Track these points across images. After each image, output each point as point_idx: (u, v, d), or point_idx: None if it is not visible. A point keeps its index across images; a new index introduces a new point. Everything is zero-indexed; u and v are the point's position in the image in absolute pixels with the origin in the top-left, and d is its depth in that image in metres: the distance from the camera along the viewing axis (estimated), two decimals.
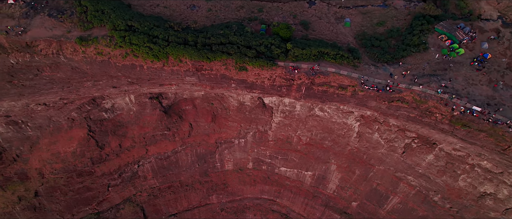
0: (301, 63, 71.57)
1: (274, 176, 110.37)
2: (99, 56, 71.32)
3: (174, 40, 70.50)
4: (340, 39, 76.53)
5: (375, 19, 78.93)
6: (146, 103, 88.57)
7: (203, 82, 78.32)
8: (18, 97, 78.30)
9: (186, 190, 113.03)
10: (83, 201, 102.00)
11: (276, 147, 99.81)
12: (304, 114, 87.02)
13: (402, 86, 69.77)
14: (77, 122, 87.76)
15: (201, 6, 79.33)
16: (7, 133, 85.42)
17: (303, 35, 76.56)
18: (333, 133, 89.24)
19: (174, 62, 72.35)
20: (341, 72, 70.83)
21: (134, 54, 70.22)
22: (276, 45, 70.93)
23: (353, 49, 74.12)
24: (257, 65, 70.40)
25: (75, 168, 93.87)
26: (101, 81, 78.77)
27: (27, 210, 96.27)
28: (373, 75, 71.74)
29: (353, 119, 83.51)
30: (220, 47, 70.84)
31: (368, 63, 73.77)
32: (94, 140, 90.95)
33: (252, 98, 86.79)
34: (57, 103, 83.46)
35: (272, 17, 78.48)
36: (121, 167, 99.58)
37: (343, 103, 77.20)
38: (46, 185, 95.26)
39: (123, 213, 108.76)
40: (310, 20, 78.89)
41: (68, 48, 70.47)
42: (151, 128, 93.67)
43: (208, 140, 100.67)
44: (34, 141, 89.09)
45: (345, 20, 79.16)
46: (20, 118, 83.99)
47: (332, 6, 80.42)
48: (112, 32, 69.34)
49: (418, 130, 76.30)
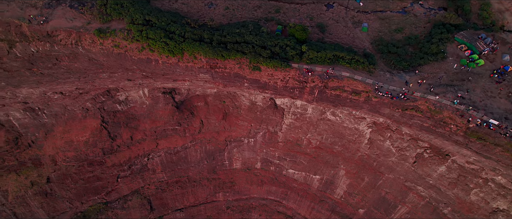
0: (316, 66, 71.11)
1: (281, 178, 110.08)
2: (116, 48, 72.47)
3: (190, 36, 71.08)
4: (356, 43, 75.73)
5: (393, 25, 77.82)
6: (159, 97, 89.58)
7: (216, 80, 78.70)
8: (36, 85, 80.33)
9: (193, 186, 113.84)
10: (93, 190, 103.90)
11: (285, 148, 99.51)
12: (316, 117, 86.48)
13: (417, 95, 68.53)
14: (91, 112, 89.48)
15: (219, 4, 79.73)
16: (24, 119, 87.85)
17: (319, 38, 76.08)
18: (343, 138, 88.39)
19: (189, 59, 72.93)
20: (356, 77, 70.09)
21: (150, 48, 71.07)
22: (291, 46, 70.69)
23: (369, 55, 73.24)
24: (271, 65, 70.31)
25: (87, 157, 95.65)
26: (116, 73, 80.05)
27: (38, 195, 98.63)
28: (388, 81, 70.73)
29: (365, 125, 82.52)
30: (235, 46, 71.04)
31: (383, 69, 72.77)
32: (107, 131, 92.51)
33: (264, 98, 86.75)
34: (73, 93, 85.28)
35: (288, 18, 78.25)
36: (131, 159, 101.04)
37: (356, 109, 76.37)
38: (58, 172, 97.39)
39: (130, 204, 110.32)
40: (327, 23, 78.33)
41: (87, 39, 71.84)
42: (162, 123, 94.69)
43: (218, 137, 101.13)
44: (49, 129, 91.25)
45: (362, 25, 78.29)
46: (37, 105, 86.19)
47: (350, 10, 79.67)
48: (130, 25, 70.38)
49: (431, 140, 74.82)
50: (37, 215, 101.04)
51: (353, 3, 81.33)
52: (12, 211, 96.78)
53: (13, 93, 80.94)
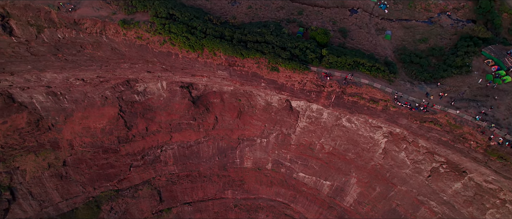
0: (335, 71, 70.40)
1: (291, 180, 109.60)
2: (138, 40, 73.71)
3: (211, 33, 71.59)
4: (378, 51, 74.54)
5: (417, 35, 76.20)
6: (176, 91, 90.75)
7: (233, 78, 79.02)
8: (60, 70, 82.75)
9: (203, 181, 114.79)
10: (105, 177, 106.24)
11: (297, 151, 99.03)
12: (331, 123, 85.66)
13: (438, 108, 66.86)
14: (110, 100, 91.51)
15: (242, 3, 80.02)
16: (46, 103, 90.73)
17: (340, 42, 75.28)
18: (357, 146, 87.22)
19: (209, 55, 73.47)
20: (375, 85, 68.99)
21: (172, 42, 71.95)
22: (311, 49, 70.24)
23: (390, 63, 71.95)
24: (290, 67, 70.04)
25: (102, 144, 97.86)
26: (137, 65, 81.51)
27: (54, 177, 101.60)
28: (408, 92, 69.29)
29: (380, 134, 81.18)
30: (255, 45, 71.14)
31: (404, 79, 71.35)
32: (123, 120, 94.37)
33: (280, 99, 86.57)
34: (94, 80, 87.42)
35: (311, 21, 77.75)
36: (145, 149, 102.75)
37: (373, 117, 75.19)
38: (74, 156, 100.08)
39: (140, 194, 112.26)
40: (349, 28, 77.44)
41: (111, 29, 73.34)
42: (178, 116, 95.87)
43: (231, 135, 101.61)
44: (69, 113, 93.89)
45: (386, 33, 76.99)
46: (59, 90, 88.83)
47: (374, 17, 78.48)
48: (154, 18, 71.48)
49: (448, 155, 72.87)
50: (51, 196, 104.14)
51: (378, 10, 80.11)
52: (28, 190, 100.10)
53: (38, 77, 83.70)
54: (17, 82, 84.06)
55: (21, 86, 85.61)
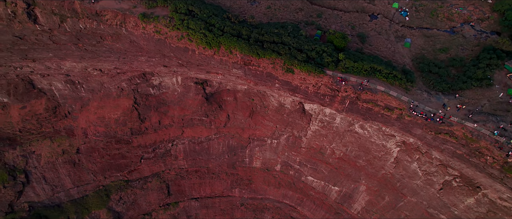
0: (350, 76, 69.68)
1: (299, 183, 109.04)
2: (157, 34, 74.66)
3: (228, 31, 71.92)
4: (396, 58, 73.38)
5: (438, 44, 74.63)
6: (191, 86, 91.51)
7: (248, 77, 79.16)
8: (79, 60, 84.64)
9: (211, 177, 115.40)
10: (116, 167, 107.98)
11: (307, 155, 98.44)
12: (343, 128, 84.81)
13: (454, 120, 65.35)
14: (125, 92, 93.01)
15: (261, 3, 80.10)
16: (64, 90, 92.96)
17: (358, 48, 74.45)
18: (369, 153, 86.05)
19: (225, 53, 73.80)
20: (391, 92, 67.94)
21: (189, 38, 72.61)
22: (328, 53, 69.70)
23: (408, 71, 70.73)
24: (305, 69, 69.70)
25: (115, 135, 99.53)
26: (154, 58, 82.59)
27: (67, 164, 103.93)
28: (424, 102, 68.00)
29: (393, 143, 79.88)
30: (271, 46, 71.07)
31: (421, 88, 70.02)
32: (137, 112, 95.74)
33: (293, 101, 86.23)
34: (111, 71, 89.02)
35: (329, 25, 77.18)
36: (156, 142, 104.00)
37: (386, 125, 74.07)
38: (88, 144, 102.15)
39: (149, 186, 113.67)
40: (368, 34, 76.51)
41: (131, 22, 74.56)
42: (190, 112, 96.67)
43: (242, 134, 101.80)
44: (85, 102, 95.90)
45: (405, 40, 75.72)
46: (77, 79, 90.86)
47: (394, 24, 77.32)
48: (173, 13, 72.28)
49: (463, 169, 71.05)
50: (64, 182, 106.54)
51: (398, 16, 78.90)
52: (42, 174, 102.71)
53: (58, 65, 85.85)
54: (38, 69, 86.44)
55: (41, 73, 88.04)
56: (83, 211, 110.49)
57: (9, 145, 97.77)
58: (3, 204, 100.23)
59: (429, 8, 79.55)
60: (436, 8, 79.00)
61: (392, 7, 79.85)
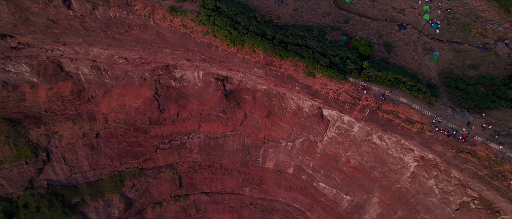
0: (373, 85, 68.48)
1: (311, 189, 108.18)
2: (183, 28, 75.74)
3: (254, 30, 72.14)
4: (422, 71, 71.54)
5: (468, 60, 72.23)
6: (211, 82, 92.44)
7: (269, 77, 79.17)
8: (106, 47, 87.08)
9: (223, 174, 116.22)
10: (132, 154, 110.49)
11: (321, 161, 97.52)
12: (360, 137, 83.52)
13: (478, 139, 63.06)
14: (148, 82, 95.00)
15: (289, 4, 79.91)
16: (90, 76, 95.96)
17: (383, 57, 73.07)
18: (385, 166, 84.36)
19: (248, 51, 74.05)
20: (414, 105, 66.32)
21: (214, 34, 73.29)
22: (352, 60, 68.77)
23: (433, 85, 68.83)
24: (327, 74, 69.01)
25: (134, 123, 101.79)
26: (178, 51, 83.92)
27: (86, 147, 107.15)
28: (448, 118, 65.97)
29: (411, 157, 77.96)
30: (295, 48, 70.80)
31: (446, 104, 67.99)
32: (157, 102, 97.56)
33: (312, 105, 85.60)
34: (136, 61, 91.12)
35: (356, 31, 76.13)
36: (173, 134, 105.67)
37: (406, 138, 72.34)
38: (107, 130, 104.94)
39: (162, 176, 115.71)
40: (395, 44, 74.94)
41: (159, 14, 75.91)
42: (209, 107, 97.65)
43: (257, 133, 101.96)
44: (108, 89, 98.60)
45: (433, 53, 73.70)
46: (103, 65, 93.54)
47: (423, 35, 75.41)
48: (201, 8, 73.18)
49: (482, 191, 68.49)
50: (81, 164, 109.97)
51: (429, 28, 76.89)
52: (62, 155, 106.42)
53: (86, 50, 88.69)
54: (67, 52, 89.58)
55: (70, 57, 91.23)
56: (97, 194, 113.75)
57: (35, 124, 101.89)
58: (24, 179, 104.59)
59: (462, 22, 77.08)
60: (469, 23, 76.43)
61: (423, 18, 77.88)
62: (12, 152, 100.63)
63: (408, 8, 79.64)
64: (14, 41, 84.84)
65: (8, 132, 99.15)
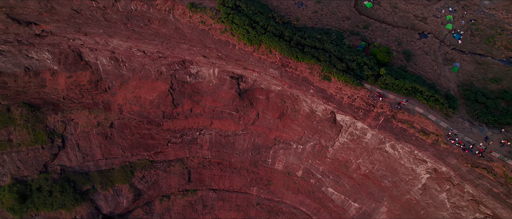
0: (389, 93, 67.45)
1: (319, 193, 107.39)
2: (202, 24, 76.37)
3: (271, 30, 72.10)
4: (441, 82, 70.02)
5: (490, 74, 70.26)
6: (226, 80, 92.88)
7: (284, 79, 78.99)
8: (126, 39, 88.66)
9: (232, 172, 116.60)
10: (144, 146, 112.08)
11: (331, 166, 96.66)
12: (373, 145, 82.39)
13: (495, 155, 61.31)
14: (164, 76, 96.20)
15: (308, 6, 79.51)
16: (108, 66, 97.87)
17: (402, 65, 71.89)
18: (396, 175, 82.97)
19: (264, 51, 74.07)
20: (430, 116, 65.02)
21: (232, 32, 73.60)
22: (369, 66, 67.92)
23: (451, 97, 67.29)
24: (342, 79, 68.39)
25: (148, 116, 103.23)
26: (195, 48, 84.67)
27: (100, 136, 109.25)
28: (464, 131, 64.37)
29: (423, 169, 76.42)
30: (312, 50, 70.42)
31: (463, 117, 66.36)
32: (172, 97, 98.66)
33: (325, 110, 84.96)
34: (154, 54, 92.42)
35: (375, 37, 75.12)
36: (185, 129, 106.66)
37: (419, 149, 70.95)
38: (121, 120, 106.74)
39: (172, 170, 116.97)
40: (414, 52, 73.61)
41: (179, 10, 76.73)
42: (222, 104, 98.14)
43: (268, 134, 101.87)
44: (125, 80, 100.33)
45: (454, 64, 72.01)
46: (121, 57, 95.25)
47: (445, 45, 73.76)
48: (220, 6, 73.60)
49: (497, 209, 66.48)
50: (94, 152, 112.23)
51: (451, 38, 75.16)
52: (76, 142, 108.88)
53: (106, 41, 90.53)
54: (88, 42, 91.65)
55: (90, 47, 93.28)
56: (107, 182, 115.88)
57: (52, 110, 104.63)
58: (39, 163, 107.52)
59: (487, 34, 75.04)
60: (494, 35, 74.35)
61: (445, 28, 76.20)
62: (29, 136, 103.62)
63: (431, 16, 78.07)
64: (38, 28, 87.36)
65: (27, 116, 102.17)
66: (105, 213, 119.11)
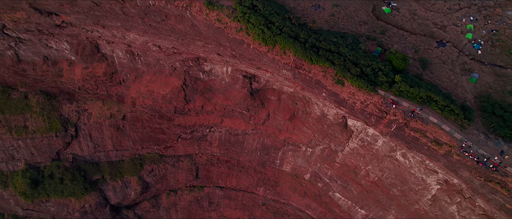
0: (403, 100, 66.48)
1: (325, 197, 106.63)
2: (218, 22, 76.67)
3: (287, 31, 71.90)
4: (457, 92, 68.65)
5: (509, 86, 68.51)
6: (238, 79, 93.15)
7: (296, 80, 78.73)
8: (142, 33, 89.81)
9: (240, 171, 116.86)
10: (154, 140, 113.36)
11: (340, 171, 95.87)
12: (383, 152, 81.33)
13: (510, 171, 59.78)
14: (177, 72, 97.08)
15: (326, 9, 79.05)
16: (124, 59, 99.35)
17: (417, 73, 70.77)
18: (405, 184, 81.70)
19: (278, 52, 73.91)
20: (444, 126, 63.79)
21: (247, 31, 73.65)
22: (384, 72, 67.09)
23: (467, 108, 65.89)
24: (356, 84, 67.69)
25: (160, 110, 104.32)
26: (210, 45, 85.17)
27: (112, 127, 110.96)
28: (479, 144, 62.94)
29: (434, 179, 75.01)
30: (326, 54, 69.97)
31: (479, 129, 64.89)
32: (184, 93, 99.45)
33: (337, 114, 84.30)
34: (169, 50, 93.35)
35: (392, 43, 74.15)
36: (196, 125, 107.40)
37: (431, 159, 69.71)
38: (134, 113, 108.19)
39: (181, 165, 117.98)
40: (431, 61, 72.38)
41: (196, 7, 77.22)
42: (233, 103, 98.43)
43: (278, 135, 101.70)
44: (139, 74, 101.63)
45: (472, 75, 70.50)
46: (137, 51, 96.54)
47: (463, 55, 72.27)
48: (237, 5, 73.81)
49: None
50: (106, 143, 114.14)
51: (470, 48, 73.58)
52: (89, 132, 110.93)
53: (123, 35, 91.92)
54: (105, 35, 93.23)
55: (107, 40, 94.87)
56: (117, 174, 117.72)
57: (68, 100, 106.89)
58: (52, 151, 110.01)
59: (508, 45, 73.19)
60: None
61: (465, 37, 74.63)
62: (44, 124, 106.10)
63: (450, 25, 76.58)
64: (58, 19, 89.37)
65: (43, 104, 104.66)
66: (112, 203, 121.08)
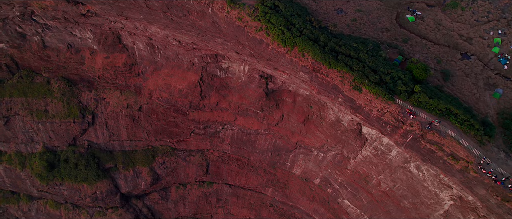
0: (421, 111, 65.05)
1: (334, 204, 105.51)
2: (238, 21, 76.83)
3: (307, 33, 71.41)
4: (479, 107, 66.65)
5: None
6: (255, 78, 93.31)
7: (313, 84, 78.19)
8: (163, 27, 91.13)
9: (249, 170, 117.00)
10: (168, 133, 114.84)
11: (351, 178, 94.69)
12: (396, 163, 79.86)
13: None
14: (195, 67, 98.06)
15: (348, 13, 78.20)
16: (144, 52, 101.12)
17: (438, 84, 69.09)
18: (417, 197, 79.93)
19: (297, 54, 73.55)
20: (462, 141, 62.03)
21: (267, 31, 73.62)
22: (403, 81, 65.80)
23: (488, 124, 63.86)
24: (374, 91, 66.65)
25: (175, 104, 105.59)
26: (229, 43, 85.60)
27: (128, 117, 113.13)
28: (499, 162, 60.92)
29: (448, 195, 73.12)
30: (345, 59, 69.19)
31: (499, 147, 62.81)
32: (200, 88, 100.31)
33: (352, 120, 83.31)
34: (188, 45, 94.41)
35: (413, 53, 72.65)
36: (209, 122, 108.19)
37: (446, 174, 67.94)
38: (150, 105, 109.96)
39: (192, 159, 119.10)
40: (454, 73, 70.51)
41: (218, 4, 77.67)
42: (248, 102, 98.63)
43: (291, 137, 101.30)
44: (158, 67, 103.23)
45: (496, 90, 68.29)
46: (157, 44, 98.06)
47: (488, 69, 70.07)
48: (259, 4, 73.80)
49: None
50: (120, 132, 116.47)
51: (496, 63, 71.25)
52: (105, 120, 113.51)
53: (144, 27, 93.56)
54: (128, 27, 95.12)
55: (129, 31, 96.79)
56: (129, 163, 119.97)
57: (87, 87, 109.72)
58: (69, 136, 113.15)
59: None
60: None
61: (491, 51, 72.38)
62: (64, 109, 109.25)
63: (477, 37, 74.34)
64: (84, 8, 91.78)
65: (64, 90, 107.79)
66: (123, 192, 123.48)
